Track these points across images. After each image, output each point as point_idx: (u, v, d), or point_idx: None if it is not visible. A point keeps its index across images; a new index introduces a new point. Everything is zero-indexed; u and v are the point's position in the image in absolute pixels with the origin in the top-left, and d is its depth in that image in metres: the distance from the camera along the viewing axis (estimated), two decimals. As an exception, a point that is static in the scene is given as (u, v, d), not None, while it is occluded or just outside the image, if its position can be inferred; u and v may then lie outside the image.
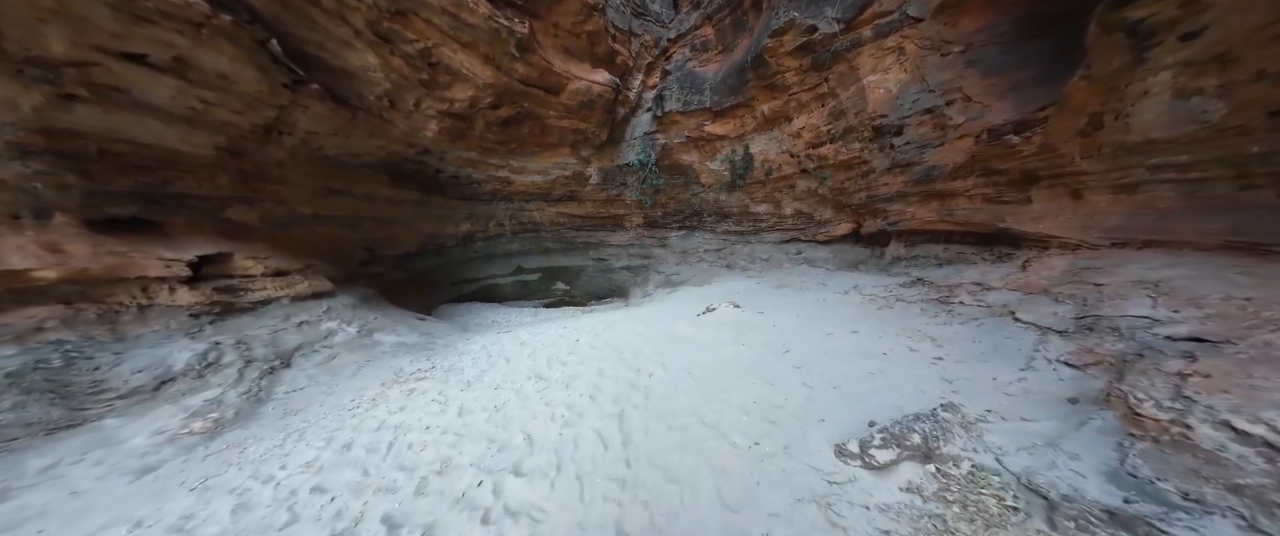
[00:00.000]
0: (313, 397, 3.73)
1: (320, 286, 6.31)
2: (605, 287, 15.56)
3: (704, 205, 14.78)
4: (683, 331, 5.34)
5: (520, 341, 5.87)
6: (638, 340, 5.21)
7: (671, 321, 6.15)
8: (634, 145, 14.56)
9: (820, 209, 11.34)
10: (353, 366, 4.66)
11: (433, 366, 4.62)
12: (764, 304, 6.84)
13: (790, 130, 10.75)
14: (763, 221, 12.96)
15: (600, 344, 5.21)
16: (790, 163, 11.13)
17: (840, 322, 5.06)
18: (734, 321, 5.62)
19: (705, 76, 12.04)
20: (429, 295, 11.73)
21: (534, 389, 3.73)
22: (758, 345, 4.55)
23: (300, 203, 7.14)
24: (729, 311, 6.33)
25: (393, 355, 5.31)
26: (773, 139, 11.30)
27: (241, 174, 5.89)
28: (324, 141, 7.98)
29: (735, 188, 13.09)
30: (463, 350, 5.69)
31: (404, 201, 11.30)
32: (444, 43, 8.45)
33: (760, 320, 5.64)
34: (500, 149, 12.50)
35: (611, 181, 15.25)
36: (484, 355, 5.17)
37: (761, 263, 11.45)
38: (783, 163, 11.34)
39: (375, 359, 5.03)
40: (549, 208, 15.64)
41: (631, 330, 5.91)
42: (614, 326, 6.28)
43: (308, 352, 4.60)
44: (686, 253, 14.43)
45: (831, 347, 4.23)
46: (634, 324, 6.32)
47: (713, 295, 8.82)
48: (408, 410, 3.33)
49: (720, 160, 12.85)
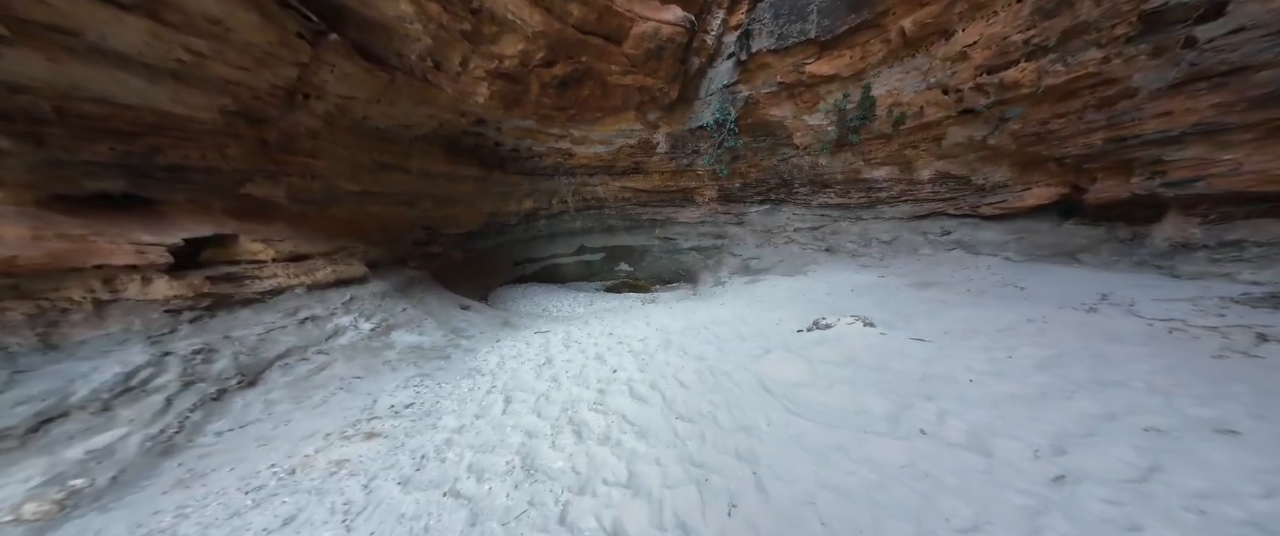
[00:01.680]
0: (241, 450, 2.58)
1: (349, 272, 5.41)
2: (671, 270, 13.55)
3: (795, 173, 11.66)
4: (782, 373, 3.09)
5: (547, 358, 4.22)
6: (705, 382, 3.16)
7: (758, 345, 3.89)
8: (709, 103, 11.87)
9: (986, 168, 7.67)
10: (332, 387, 3.45)
11: (412, 403, 3.17)
12: (913, 319, 4.23)
13: (947, 52, 7.21)
14: (881, 190, 9.57)
15: (649, 380, 3.27)
16: (941, 103, 7.61)
17: (1146, 392, 2.38)
18: (875, 359, 3.19)
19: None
20: (490, 276, 10.95)
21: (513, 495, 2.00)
22: (958, 439, 2.20)
23: (342, 178, 6.34)
24: (856, 333, 3.89)
25: (394, 368, 4.04)
26: (911, 71, 7.82)
27: (262, 144, 5.03)
28: (367, 109, 7.04)
29: (844, 146, 9.79)
30: (475, 366, 4.23)
31: (464, 178, 10.41)
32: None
33: (930, 359, 3.14)
34: (559, 116, 10.88)
35: (682, 149, 12.84)
36: (489, 383, 3.59)
37: (880, 246, 8.33)
38: (927, 104, 7.85)
39: (368, 375, 3.79)
40: (613, 182, 13.88)
41: (697, 351, 3.86)
42: (671, 343, 4.29)
43: (291, 362, 3.54)
44: (770, 232, 11.62)
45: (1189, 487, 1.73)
46: (701, 341, 4.24)
47: (813, 293, 6.28)
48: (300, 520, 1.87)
49: (824, 111, 9.62)
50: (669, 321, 5.57)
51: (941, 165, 8.56)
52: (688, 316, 5.96)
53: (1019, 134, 7.05)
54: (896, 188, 9.43)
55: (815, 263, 8.77)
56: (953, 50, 7.16)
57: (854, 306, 5.27)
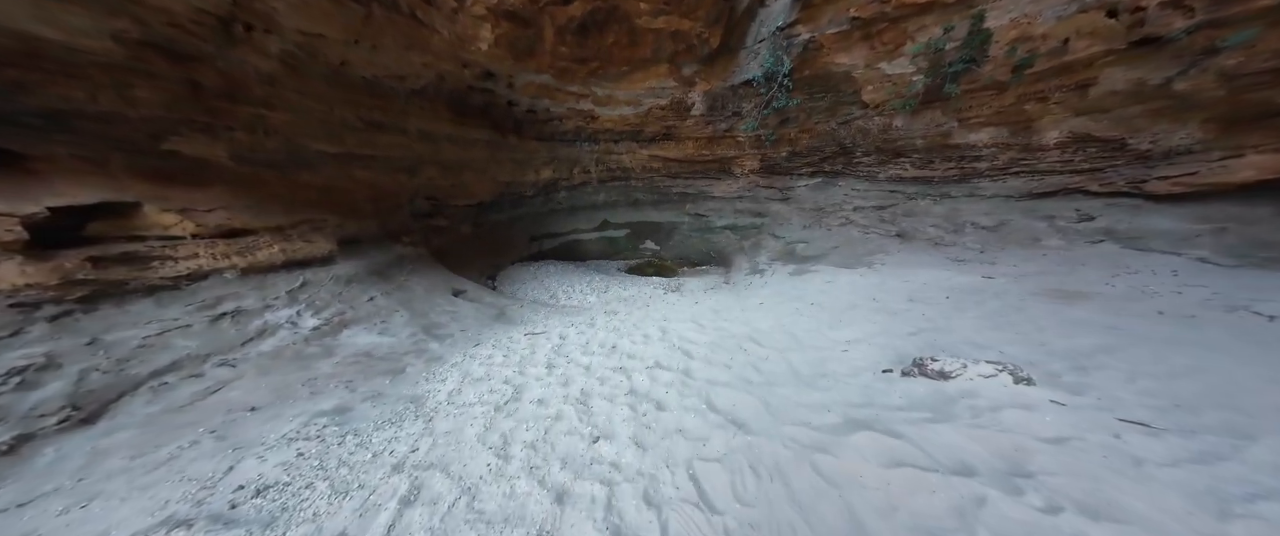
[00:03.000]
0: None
1: (307, 250, 4.37)
2: (701, 251, 11.86)
3: (858, 138, 9.32)
4: (888, 496, 1.59)
5: (514, 390, 2.92)
6: (742, 485, 1.71)
7: (824, 396, 2.27)
8: (757, 53, 9.58)
9: (1160, 126, 5.17)
10: (198, 431, 2.34)
11: (276, 484, 1.96)
12: (1081, 364, 2.45)
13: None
14: (980, 158, 7.20)
15: (644, 479, 1.87)
16: (1102, 31, 5.11)
17: None
18: (1083, 489, 1.59)
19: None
20: (502, 252, 9.86)
21: None
22: None
23: (313, 137, 5.23)
24: (1007, 397, 2.18)
25: (314, 392, 2.89)
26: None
27: (192, 88, 3.92)
28: (344, 53, 5.78)
29: (933, 102, 7.41)
30: (419, 395, 2.96)
31: (474, 142, 9.12)
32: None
33: (1198, 488, 1.49)
34: (579, 69, 9.13)
35: (721, 110, 10.73)
36: (410, 443, 2.30)
37: (978, 233, 6.16)
38: (1076, 35, 5.36)
39: (270, 405, 2.67)
40: (640, 150, 12.09)
41: (729, 405, 2.38)
42: (690, 380, 2.82)
43: (172, 382, 2.52)
44: (821, 210, 9.52)
45: None
46: (734, 375, 2.74)
47: (888, 298, 4.48)
48: None
49: (912, 54, 7.21)
50: (692, 330, 4.10)
51: (1080, 124, 6.08)
52: (718, 322, 4.45)
53: (1235, 73, 4.55)
54: (1003, 155, 7.01)
55: (883, 252, 6.78)
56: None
57: (960, 327, 3.51)
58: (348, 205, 5.70)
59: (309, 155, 5.22)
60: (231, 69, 4.27)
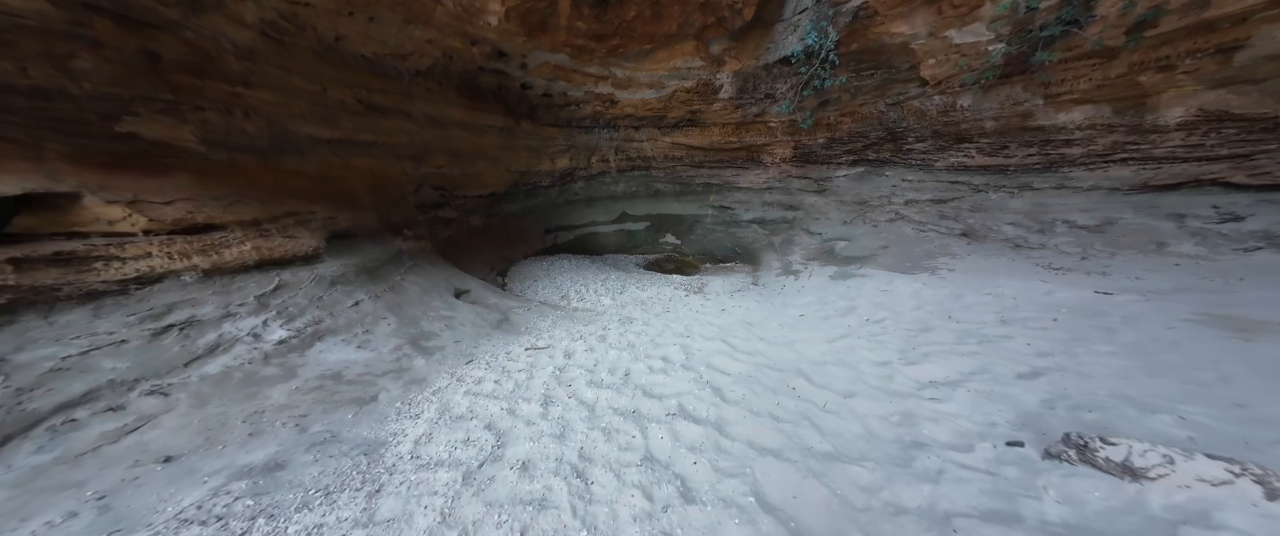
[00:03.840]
0: None
1: (288, 248, 3.82)
2: (726, 247, 10.90)
3: (911, 121, 8.06)
4: None
5: (498, 438, 2.23)
6: None
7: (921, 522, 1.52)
8: (797, 25, 8.37)
9: None
10: (69, 503, 1.78)
11: None
12: None
13: None
14: (1071, 143, 5.89)
15: None
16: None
17: None
18: None
19: None
20: (515, 245, 9.25)
21: None
22: None
23: (302, 119, 4.65)
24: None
25: (251, 435, 2.26)
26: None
27: (150, 61, 3.36)
28: (336, 26, 5.14)
29: (1018, 74, 6.11)
30: (380, 439, 2.28)
31: (486, 128, 8.45)
32: None
33: None
34: (598, 47, 8.22)
35: (752, 92, 9.60)
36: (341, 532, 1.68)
37: (1074, 233, 4.92)
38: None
39: (189, 454, 2.08)
40: (662, 137, 11.13)
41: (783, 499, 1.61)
42: (725, 443, 2.05)
43: (80, 418, 1.98)
44: (865, 204, 8.35)
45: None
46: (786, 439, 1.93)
47: (966, 316, 3.47)
48: None
49: (992, 17, 5.93)
50: (722, 354, 3.29)
51: (1216, 99, 4.73)
52: (752, 341, 3.62)
53: None
54: (1103, 139, 5.69)
55: (948, 254, 5.67)
56: None
57: (1097, 368, 2.53)
58: (343, 196, 5.15)
59: (298, 140, 4.66)
60: (200, 40, 3.69)
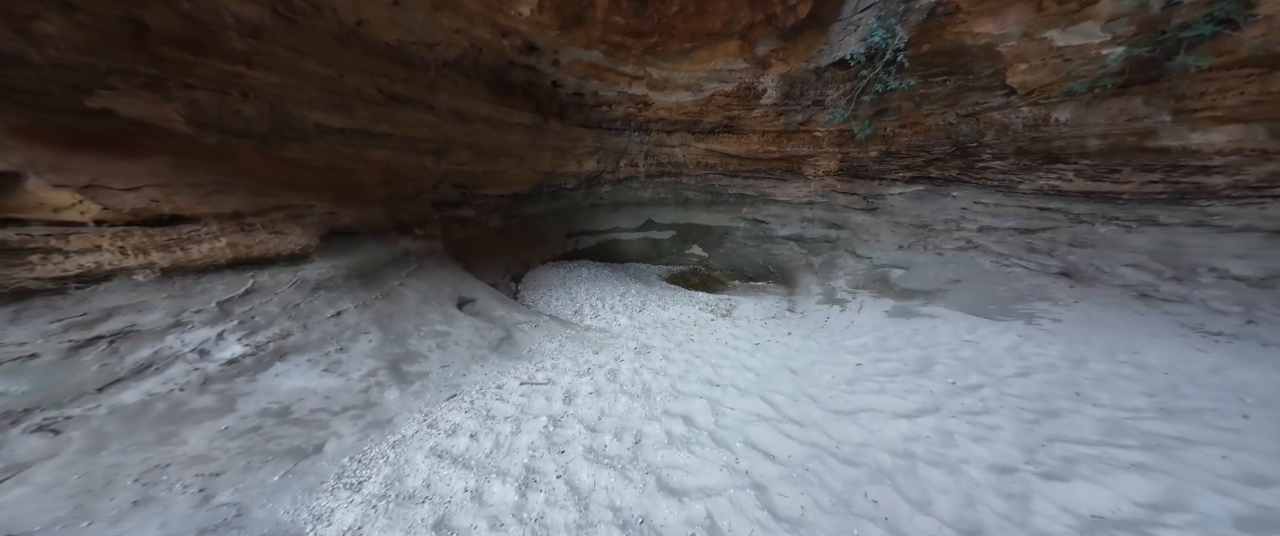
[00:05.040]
0: None
1: (268, 246, 3.31)
2: (758, 263, 9.91)
3: (987, 135, 6.87)
4: None
5: None
6: None
7: None
8: (857, 25, 7.38)
9: None
10: None
11: None
12: None
13: None
14: (1210, 170, 4.63)
15: None
16: None
17: None
18: None
19: None
20: (534, 248, 8.68)
21: None
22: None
23: (311, 106, 4.20)
24: None
25: (133, 507, 1.70)
26: None
27: (133, 28, 2.94)
28: (359, 10, 4.70)
29: (1140, 83, 4.92)
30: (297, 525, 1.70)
31: (512, 126, 7.95)
32: None
33: None
34: (635, 45, 7.54)
35: (799, 98, 8.64)
36: None
37: (1227, 286, 3.67)
38: None
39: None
40: (696, 143, 10.33)
41: None
42: None
43: None
44: (927, 227, 7.20)
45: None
46: None
47: (1100, 393, 2.44)
48: None
49: (1110, 16, 4.78)
50: (762, 425, 2.43)
51: None
52: (801, 404, 2.72)
53: None
54: (1258, 168, 4.39)
55: (1045, 298, 4.53)
56: None
57: None
58: (351, 189, 4.69)
59: (304, 127, 4.22)
60: (199, 12, 3.27)
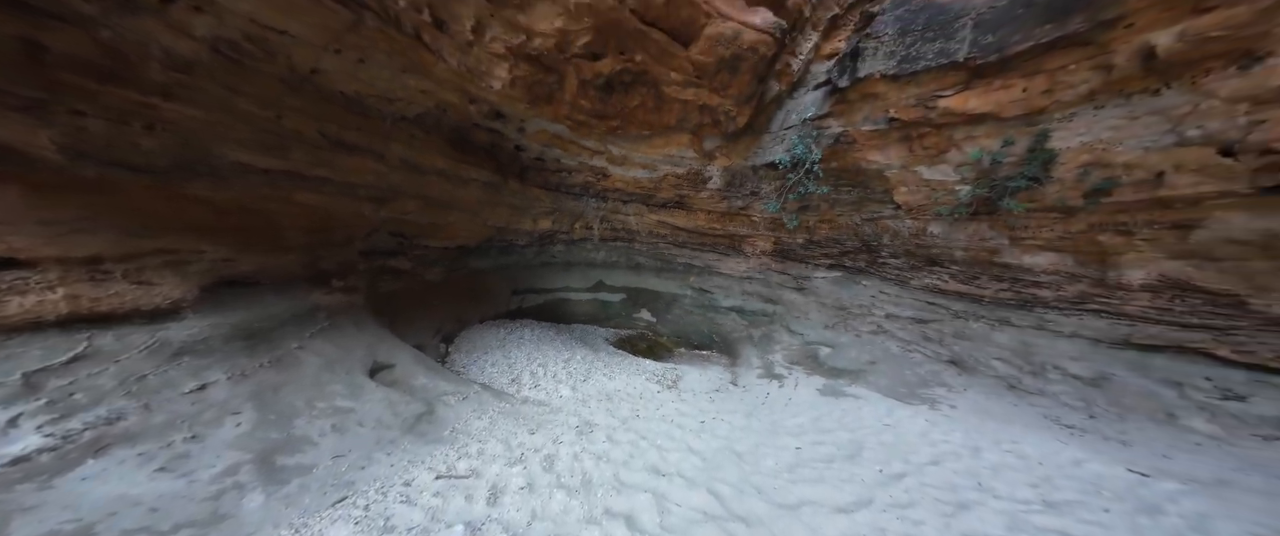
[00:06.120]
0: None
1: (126, 299, 2.72)
2: (703, 332, 10.23)
3: (885, 237, 8.30)
4: None
5: None
6: None
7: None
8: (783, 138, 8.95)
9: None
10: None
11: None
12: None
13: (1240, 91, 3.90)
14: (1039, 285, 6.02)
15: None
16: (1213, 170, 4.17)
17: None
18: None
19: (966, 6, 5.83)
20: (475, 304, 8.16)
21: None
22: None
23: (235, 143, 3.85)
24: None
25: None
26: (1145, 116, 4.50)
27: (25, 49, 2.60)
28: (317, 60, 4.69)
29: (985, 214, 6.43)
30: None
31: (469, 181, 7.94)
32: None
33: None
34: (598, 125, 8.30)
35: (738, 188, 9.88)
36: None
37: (1070, 384, 4.58)
38: (1175, 168, 4.43)
39: None
40: (649, 214, 11.06)
41: None
42: None
43: None
44: (846, 310, 8.15)
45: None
46: None
47: (997, 483, 2.77)
48: None
49: (957, 163, 6.39)
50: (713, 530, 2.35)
51: (1176, 268, 4.94)
52: (748, 505, 2.67)
53: None
54: (1071, 287, 5.82)
55: (942, 384, 5.22)
56: (1260, 86, 3.84)
57: None
58: (263, 232, 4.16)
59: (220, 165, 3.80)
60: (119, 42, 3.01)
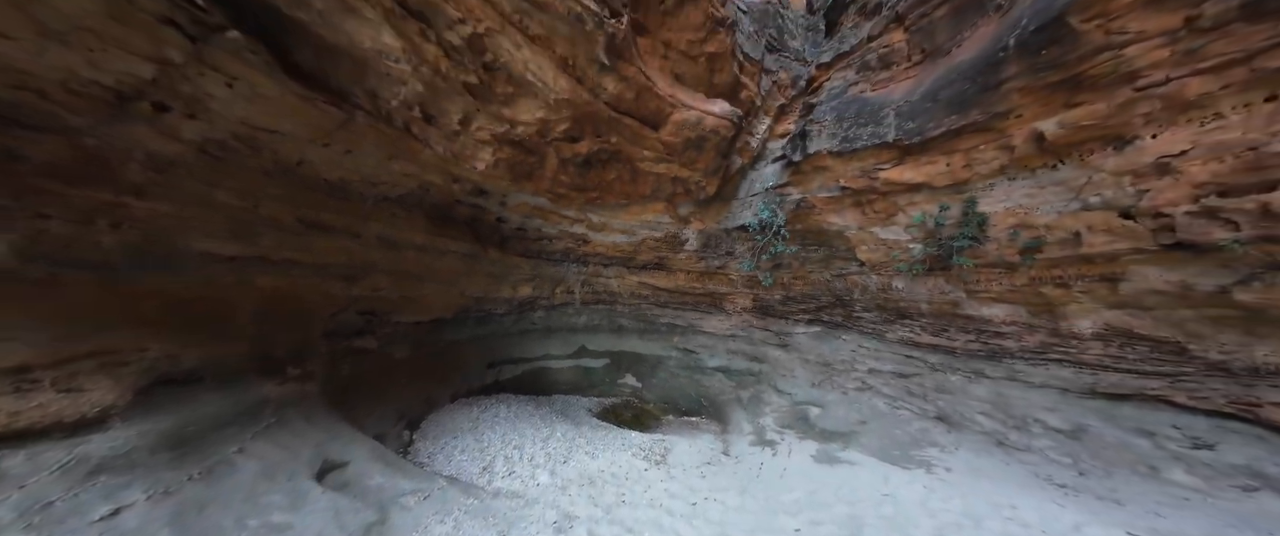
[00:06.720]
0: None
1: (45, 412, 2.36)
2: (691, 395, 9.83)
3: (855, 292, 8.65)
4: None
5: None
6: None
7: None
8: (750, 204, 9.68)
9: (1235, 336, 4.20)
10: None
11: None
12: None
13: (1122, 166, 4.62)
14: (1003, 334, 6.26)
15: None
16: (1119, 230, 4.76)
17: None
18: None
19: (886, 100, 6.91)
20: (444, 381, 7.65)
21: None
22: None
23: (201, 234, 3.80)
24: None
25: None
26: (1049, 186, 5.22)
27: (3, 159, 2.61)
28: (303, 152, 4.93)
29: (940, 270, 6.89)
30: None
31: (446, 252, 7.98)
32: (503, 30, 5.09)
33: None
34: (577, 197, 8.77)
35: (714, 249, 10.34)
36: None
37: (1052, 437, 4.53)
38: (1088, 229, 5.05)
39: None
40: (630, 276, 11.24)
41: None
42: None
43: None
44: (830, 366, 8.12)
45: None
46: None
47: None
48: None
49: (908, 223, 7.00)
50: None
51: (1117, 317, 5.33)
52: None
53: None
54: (1031, 337, 6.09)
55: (933, 443, 5.06)
56: (1135, 162, 4.59)
57: None
58: (211, 321, 3.92)
59: (182, 257, 3.71)
60: (103, 148, 3.11)
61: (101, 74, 2.91)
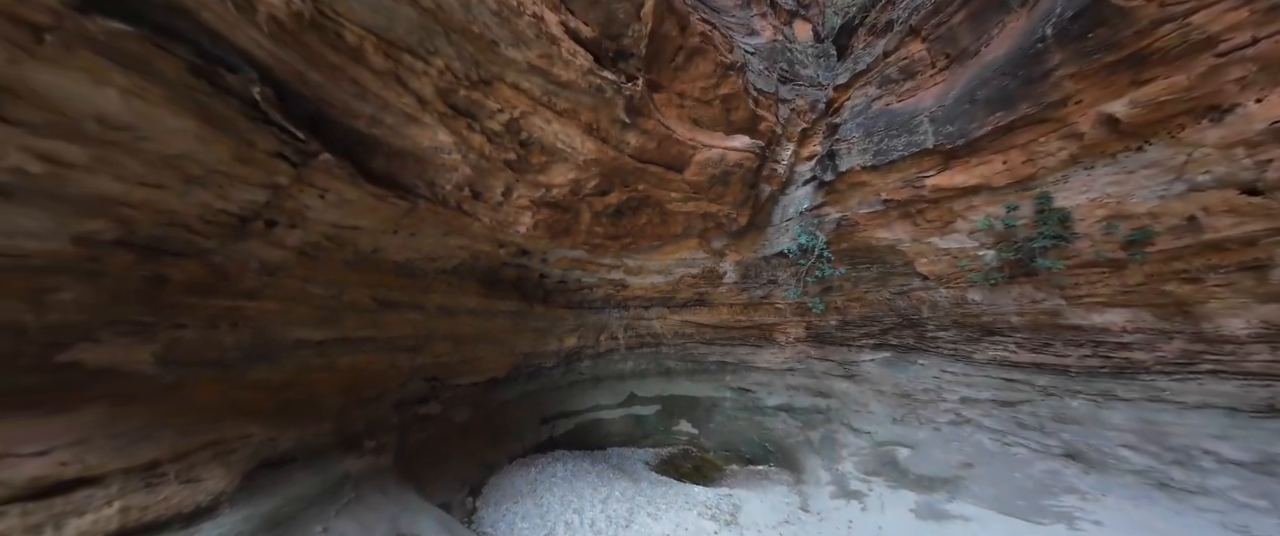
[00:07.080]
0: None
1: (172, 502, 2.66)
2: (753, 440, 9.00)
3: (924, 310, 7.79)
4: None
5: None
6: None
7: None
8: (786, 229, 9.39)
9: None
10: None
11: None
12: None
13: (1229, 137, 3.97)
14: (1129, 345, 5.20)
15: None
16: (1244, 210, 3.96)
17: None
18: None
19: (917, 109, 6.68)
20: (502, 443, 7.65)
21: None
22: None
23: (299, 324, 4.34)
24: None
25: None
26: (1140, 170, 4.56)
27: (153, 285, 3.20)
28: (378, 241, 5.59)
29: (1025, 276, 6.06)
30: None
31: (497, 313, 8.38)
32: (535, 111, 5.74)
33: None
34: (613, 245, 9.06)
35: (755, 279, 9.98)
36: None
37: (1231, 473, 3.45)
38: (1204, 211, 4.25)
39: None
40: (672, 315, 11.05)
41: None
42: None
43: None
44: (911, 397, 7.14)
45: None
46: None
47: None
48: None
49: (972, 229, 6.35)
50: None
51: (1275, 312, 4.28)
52: None
53: None
54: (1167, 346, 5.01)
55: (1073, 491, 4.09)
56: (1243, 131, 3.92)
57: None
58: (302, 405, 4.29)
59: (280, 347, 4.20)
60: (226, 263, 3.73)
61: (229, 204, 3.57)
